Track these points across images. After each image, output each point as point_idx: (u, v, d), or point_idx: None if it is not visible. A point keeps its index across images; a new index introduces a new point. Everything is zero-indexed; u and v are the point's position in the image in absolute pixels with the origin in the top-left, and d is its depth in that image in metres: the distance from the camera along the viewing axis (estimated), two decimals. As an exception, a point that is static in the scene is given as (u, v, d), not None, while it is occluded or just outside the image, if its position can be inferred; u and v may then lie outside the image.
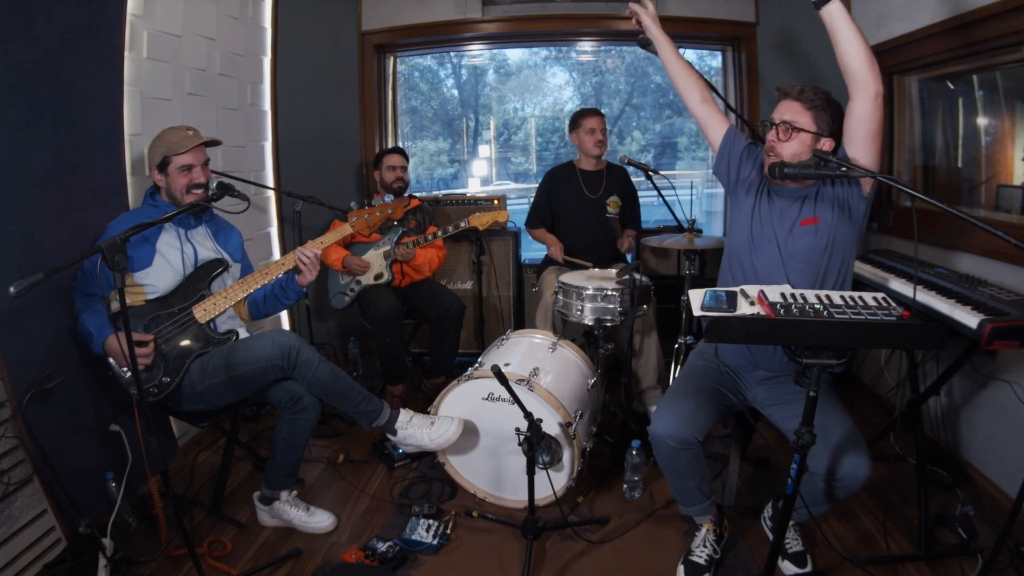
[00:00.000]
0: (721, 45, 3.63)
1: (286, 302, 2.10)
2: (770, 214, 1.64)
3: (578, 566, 1.83)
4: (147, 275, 1.85)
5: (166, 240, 1.91)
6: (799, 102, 1.55)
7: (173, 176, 1.90)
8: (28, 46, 1.67)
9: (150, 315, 1.81)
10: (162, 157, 1.89)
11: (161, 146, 1.91)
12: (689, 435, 1.59)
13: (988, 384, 2.05)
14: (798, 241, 1.60)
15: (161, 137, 1.93)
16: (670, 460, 1.66)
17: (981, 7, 1.96)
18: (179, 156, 1.89)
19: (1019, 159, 2.16)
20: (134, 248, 1.81)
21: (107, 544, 1.67)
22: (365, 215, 2.11)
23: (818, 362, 1.23)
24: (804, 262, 1.59)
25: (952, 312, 1.61)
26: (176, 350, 1.82)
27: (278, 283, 2.07)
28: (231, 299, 1.90)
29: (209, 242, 2.03)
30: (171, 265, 1.89)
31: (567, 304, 2.37)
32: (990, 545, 1.58)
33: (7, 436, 1.58)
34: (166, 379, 1.78)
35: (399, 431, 2.00)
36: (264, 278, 1.94)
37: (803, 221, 1.60)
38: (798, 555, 1.73)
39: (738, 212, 1.72)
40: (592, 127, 2.84)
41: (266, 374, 1.82)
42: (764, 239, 1.64)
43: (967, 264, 2.13)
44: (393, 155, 2.97)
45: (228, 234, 2.12)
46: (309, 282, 2.01)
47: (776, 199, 1.65)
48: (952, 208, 1.21)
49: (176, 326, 1.83)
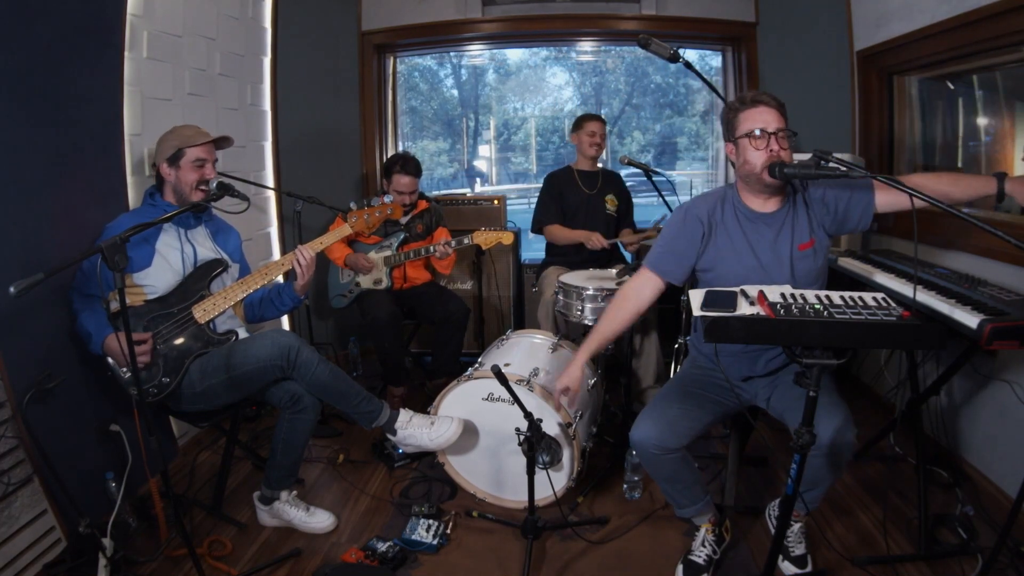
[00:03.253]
0: (721, 45, 3.63)
1: (282, 308, 2.10)
2: (774, 243, 1.63)
3: (578, 566, 1.83)
4: (146, 275, 1.85)
5: (166, 240, 1.91)
6: (777, 110, 1.56)
7: (184, 170, 1.90)
8: (28, 46, 1.67)
9: (149, 315, 1.81)
10: (175, 149, 1.89)
11: (175, 139, 1.91)
12: (671, 441, 1.58)
13: (988, 384, 2.05)
14: (799, 265, 1.61)
15: (174, 131, 1.94)
16: (654, 465, 1.66)
17: (981, 7, 1.96)
18: (193, 149, 1.90)
19: (1019, 159, 2.16)
20: (133, 249, 1.80)
21: (107, 544, 1.67)
22: (365, 215, 2.11)
23: (818, 362, 1.23)
24: (806, 285, 1.60)
25: (952, 312, 1.61)
26: (175, 350, 1.81)
27: (275, 288, 2.07)
28: (230, 299, 1.90)
29: (208, 242, 2.02)
30: (170, 265, 1.89)
31: (567, 304, 2.37)
32: (990, 545, 1.58)
33: (7, 436, 1.58)
34: (165, 379, 1.78)
35: (399, 431, 2.00)
36: (263, 278, 1.94)
37: (800, 246, 1.61)
38: (800, 558, 1.73)
39: (728, 247, 1.67)
40: (592, 131, 2.93)
41: (266, 374, 1.82)
42: (773, 268, 1.62)
43: (967, 264, 2.13)
44: (403, 177, 2.78)
45: (227, 235, 2.12)
46: (304, 286, 2.00)
47: (756, 226, 1.64)
48: (952, 208, 1.21)
49: (175, 326, 1.83)
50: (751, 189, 1.63)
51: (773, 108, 1.55)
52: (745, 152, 1.57)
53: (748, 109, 1.56)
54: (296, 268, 1.95)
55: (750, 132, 1.54)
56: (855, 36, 2.88)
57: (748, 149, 1.56)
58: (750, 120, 1.55)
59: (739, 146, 1.59)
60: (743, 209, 1.65)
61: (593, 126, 2.93)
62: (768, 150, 1.53)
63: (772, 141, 1.53)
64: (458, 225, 3.25)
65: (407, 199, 2.83)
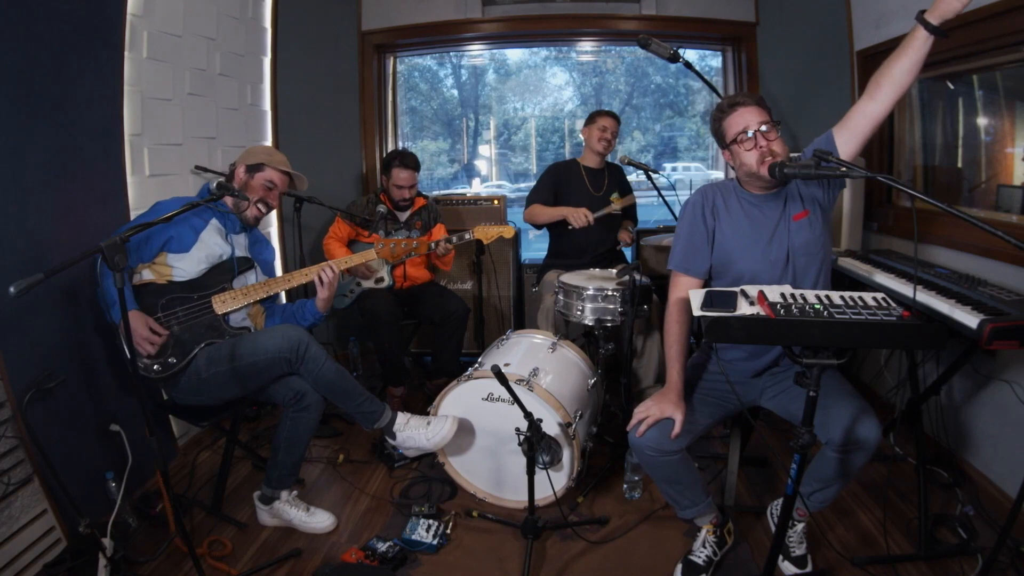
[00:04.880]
0: (721, 45, 3.63)
1: (302, 324, 2.13)
2: (763, 219, 1.65)
3: (578, 566, 1.83)
4: (181, 259, 1.89)
5: (210, 234, 1.95)
6: (756, 106, 1.59)
7: (257, 181, 2.00)
8: (28, 46, 1.68)
9: (169, 295, 1.84)
10: (260, 162, 2.00)
11: (264, 154, 2.05)
12: (669, 444, 1.59)
13: (988, 384, 2.05)
14: (795, 236, 1.62)
15: (266, 149, 2.10)
16: (653, 467, 1.67)
17: (981, 7, 1.96)
18: (273, 170, 2.02)
19: (1019, 159, 2.16)
20: (178, 227, 1.87)
21: (107, 544, 1.67)
22: (391, 245, 2.28)
23: (818, 362, 1.23)
24: (806, 254, 1.63)
25: (952, 312, 1.61)
26: (187, 333, 1.84)
27: (298, 303, 2.15)
28: (250, 296, 1.96)
29: (246, 249, 2.08)
30: (207, 258, 1.93)
31: (567, 304, 2.37)
32: (990, 545, 1.58)
33: (7, 436, 1.58)
34: (172, 360, 1.80)
35: (398, 434, 2.01)
36: (286, 283, 2.03)
37: (795, 216, 1.63)
38: (800, 558, 1.73)
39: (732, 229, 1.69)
40: (604, 126, 2.92)
41: (273, 367, 1.82)
42: (763, 241, 1.64)
43: (967, 264, 2.13)
44: (402, 171, 2.79)
45: (263, 247, 2.19)
46: (326, 301, 2.08)
47: (757, 208, 1.66)
48: (952, 208, 1.21)
49: (192, 311, 1.87)
50: (753, 184, 1.66)
51: (751, 105, 1.59)
52: (739, 156, 1.61)
53: (729, 116, 1.61)
54: (318, 283, 2.03)
55: (737, 137, 1.59)
56: (855, 36, 2.88)
57: (740, 152, 1.60)
58: (734, 125, 1.60)
59: (732, 151, 1.64)
60: (744, 194, 1.69)
61: (605, 121, 2.92)
62: (758, 147, 1.57)
63: (759, 138, 1.56)
64: (458, 225, 3.25)
65: (406, 193, 2.84)
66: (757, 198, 1.67)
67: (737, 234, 1.67)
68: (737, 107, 1.59)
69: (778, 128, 1.58)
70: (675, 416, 1.58)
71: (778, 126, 1.58)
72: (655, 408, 1.60)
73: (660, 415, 1.59)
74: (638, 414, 1.62)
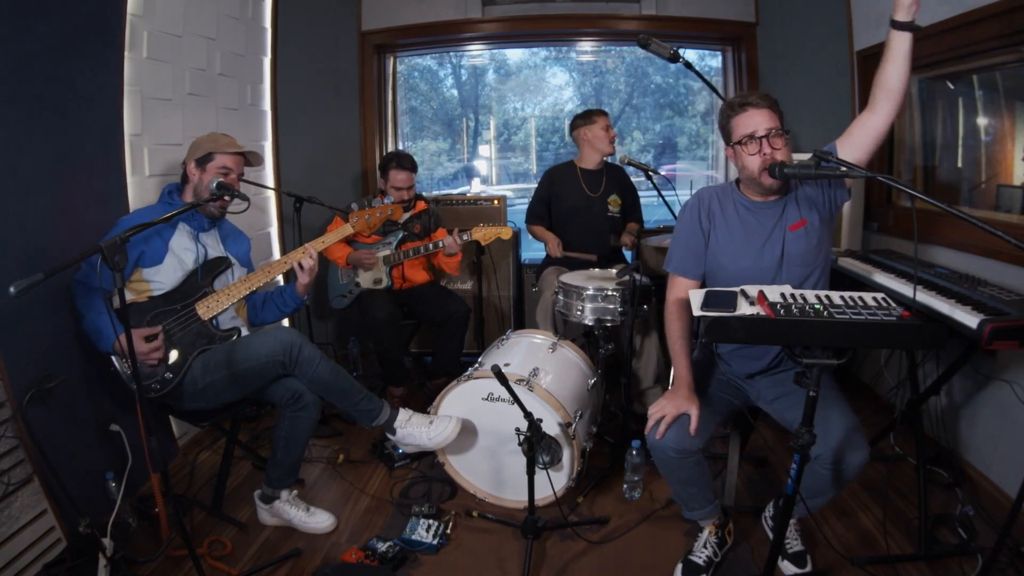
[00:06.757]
0: (721, 45, 3.63)
1: (284, 309, 2.11)
2: (757, 226, 1.64)
3: (578, 566, 1.83)
4: (156, 272, 1.86)
5: (179, 240, 1.92)
6: (768, 109, 1.56)
7: (210, 173, 1.93)
8: (28, 46, 1.67)
9: (153, 311, 1.82)
10: (207, 152, 1.93)
11: (209, 143, 1.96)
12: (690, 444, 1.57)
13: (988, 384, 2.05)
14: (791, 246, 1.61)
15: (210, 136, 1.99)
16: (671, 469, 1.65)
17: (981, 7, 1.96)
18: (223, 156, 1.94)
19: (1019, 159, 2.15)
20: (147, 243, 1.84)
21: (107, 544, 1.67)
22: (366, 216, 2.16)
23: (818, 362, 1.23)
24: (802, 264, 1.61)
25: (952, 312, 1.61)
26: (179, 345, 1.82)
27: (277, 289, 2.10)
28: (233, 296, 1.92)
29: (219, 246, 2.05)
30: (181, 265, 1.90)
31: (567, 304, 2.37)
32: (990, 545, 1.58)
33: (7, 436, 1.58)
34: (168, 375, 1.79)
35: (398, 430, 2.01)
36: (266, 276, 1.96)
37: (791, 226, 1.61)
38: (798, 555, 1.73)
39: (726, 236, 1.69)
40: (607, 125, 2.89)
41: (268, 370, 1.82)
42: (755, 248, 1.63)
43: (967, 264, 2.13)
44: (400, 172, 2.78)
45: (237, 239, 2.14)
46: (306, 287, 2.03)
47: (753, 215, 1.65)
48: (952, 208, 1.21)
49: (179, 323, 1.84)
50: (752, 189, 1.65)
51: (763, 108, 1.55)
52: (742, 157, 1.59)
53: (738, 115, 1.58)
54: (296, 268, 1.97)
55: (742, 138, 1.56)
56: (855, 36, 2.88)
57: (744, 155, 1.58)
58: (741, 126, 1.57)
59: (736, 151, 1.61)
60: (742, 200, 1.67)
61: (606, 120, 2.89)
62: (762, 154, 1.54)
63: (764, 144, 1.54)
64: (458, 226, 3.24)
65: (404, 195, 2.83)
66: (755, 204, 1.65)
67: (730, 240, 1.66)
68: (748, 107, 1.56)
69: (786, 137, 1.55)
70: (690, 411, 1.56)
71: (787, 135, 1.55)
72: (669, 406, 1.58)
73: (676, 412, 1.56)
74: (653, 415, 1.59)
